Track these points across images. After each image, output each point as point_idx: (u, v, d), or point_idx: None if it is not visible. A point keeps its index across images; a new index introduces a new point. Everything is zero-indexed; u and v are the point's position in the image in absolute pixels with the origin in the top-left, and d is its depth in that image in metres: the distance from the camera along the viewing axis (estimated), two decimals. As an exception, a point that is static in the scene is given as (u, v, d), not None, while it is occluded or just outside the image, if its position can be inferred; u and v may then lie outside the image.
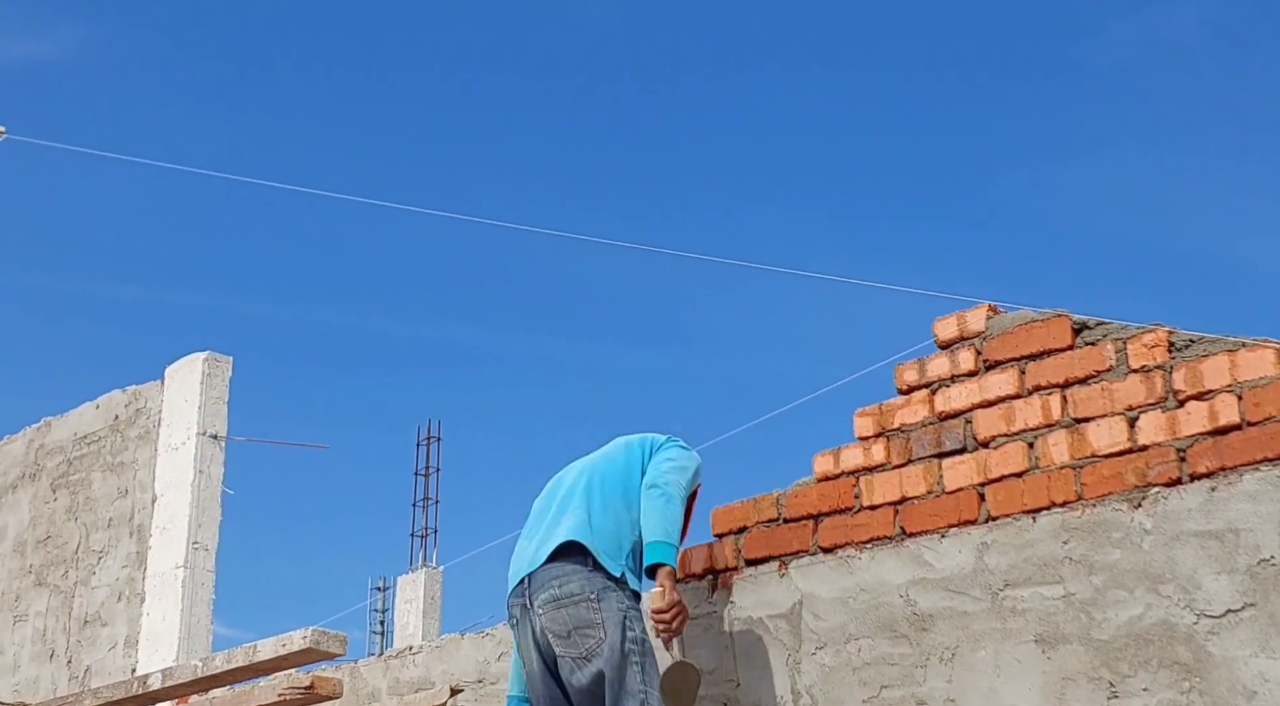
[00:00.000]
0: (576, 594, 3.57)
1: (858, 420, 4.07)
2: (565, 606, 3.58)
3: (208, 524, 6.17)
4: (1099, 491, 3.53)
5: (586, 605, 3.55)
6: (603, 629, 3.53)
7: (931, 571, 3.76)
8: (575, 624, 3.55)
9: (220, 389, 6.39)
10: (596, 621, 3.53)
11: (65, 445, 6.87)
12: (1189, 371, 3.46)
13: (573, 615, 3.56)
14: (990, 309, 3.92)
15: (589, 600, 3.55)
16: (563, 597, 3.58)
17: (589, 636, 3.53)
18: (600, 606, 3.54)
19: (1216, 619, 3.27)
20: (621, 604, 3.58)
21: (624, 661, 3.51)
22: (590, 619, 3.54)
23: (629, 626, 3.56)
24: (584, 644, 3.53)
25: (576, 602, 3.56)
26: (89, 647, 6.30)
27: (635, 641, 3.55)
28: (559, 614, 3.58)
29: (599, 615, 3.54)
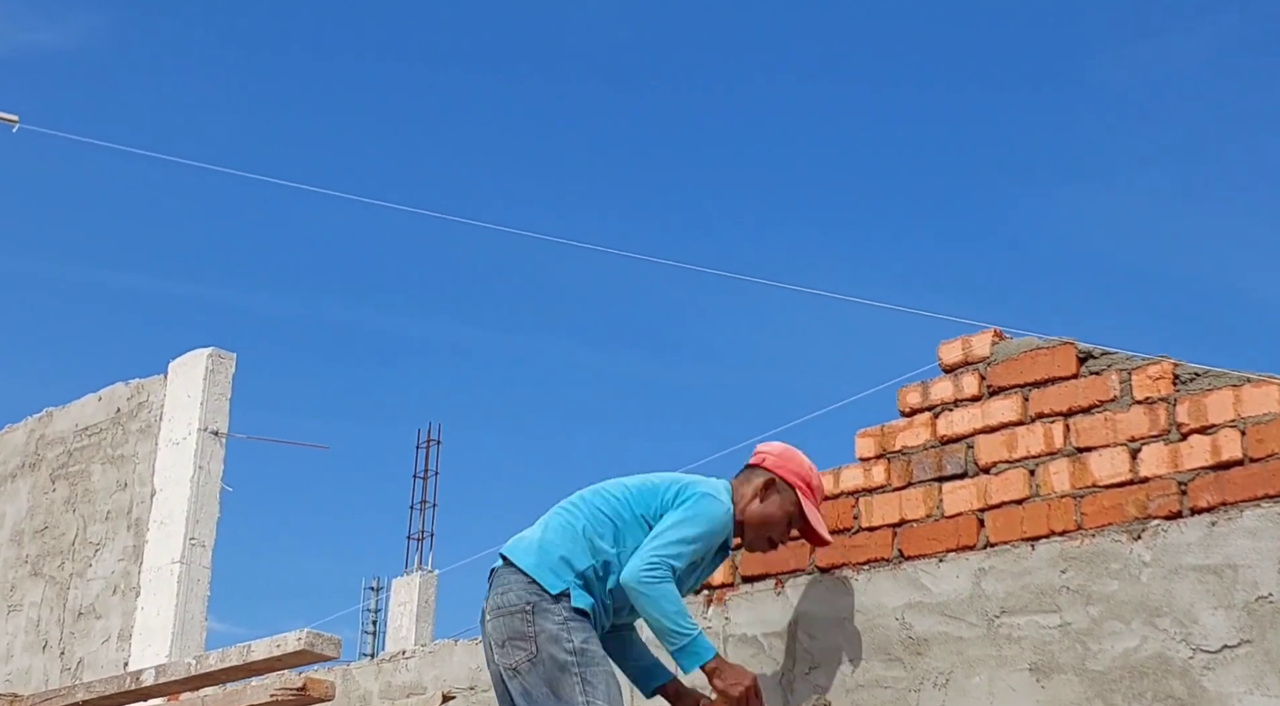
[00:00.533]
0: (514, 604, 3.50)
1: (859, 440, 4.07)
2: (503, 615, 3.51)
3: (206, 520, 6.16)
4: (1099, 521, 3.52)
5: (521, 616, 3.47)
6: (534, 642, 3.44)
7: (928, 595, 3.76)
8: (509, 634, 3.48)
9: (223, 385, 6.39)
10: (529, 633, 3.45)
11: (66, 436, 6.87)
12: (1193, 405, 3.46)
13: (508, 624, 3.49)
14: (996, 334, 3.92)
15: (523, 612, 3.47)
16: (502, 606, 3.52)
17: (520, 648, 3.45)
18: (534, 618, 3.46)
19: (1212, 654, 3.27)
20: (559, 616, 3.45)
21: (560, 673, 3.40)
22: (522, 631, 3.46)
23: (566, 637, 3.43)
24: (514, 655, 3.46)
25: (512, 613, 3.49)
26: (82, 640, 6.30)
27: (573, 651, 3.42)
28: (498, 622, 3.53)
29: (531, 627, 3.45)
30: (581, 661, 3.42)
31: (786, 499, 3.71)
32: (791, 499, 3.71)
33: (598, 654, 3.47)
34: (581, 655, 3.43)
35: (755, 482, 3.72)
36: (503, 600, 3.52)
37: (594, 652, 3.46)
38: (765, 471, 3.73)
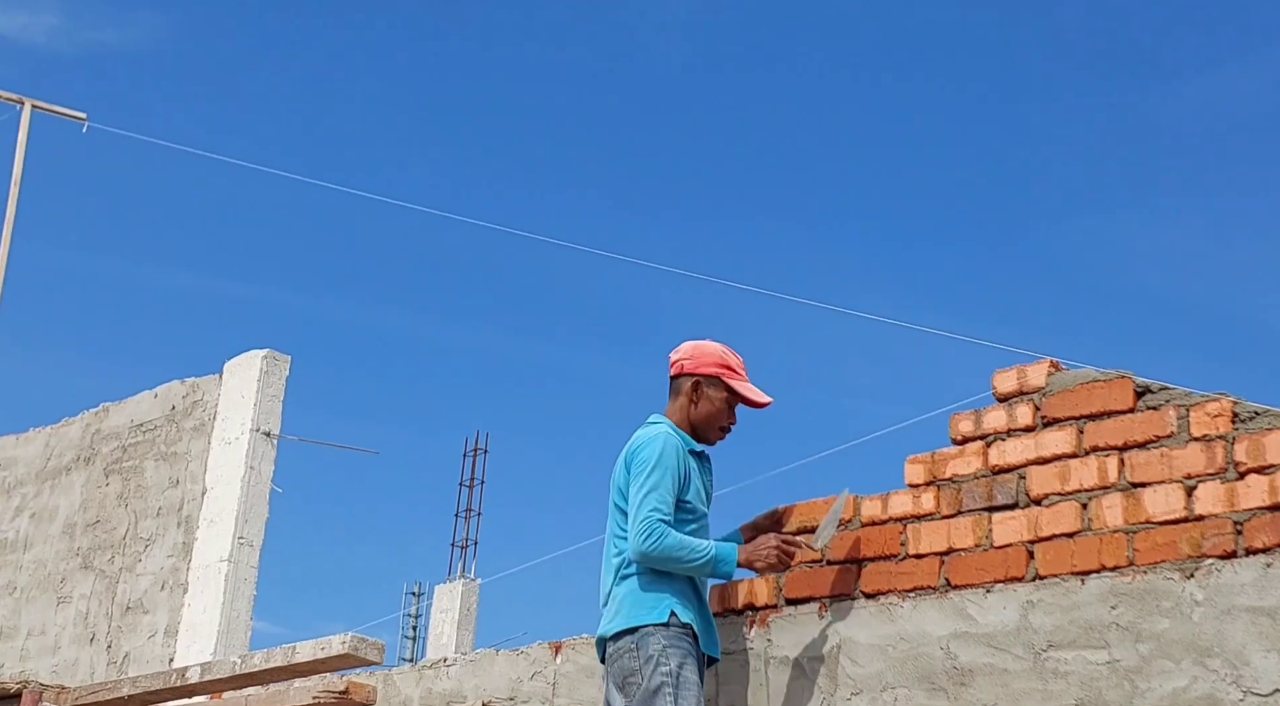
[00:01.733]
0: (622, 647, 3.77)
1: (909, 467, 4.04)
2: (616, 659, 3.78)
3: (255, 520, 6.21)
4: (1151, 558, 3.48)
5: (630, 655, 3.74)
6: (640, 672, 3.69)
7: (974, 625, 3.73)
8: (625, 674, 3.75)
9: (277, 387, 6.44)
10: (636, 667, 3.71)
11: (121, 431, 6.94)
12: (1252, 444, 3.41)
13: (621, 666, 3.76)
14: (1052, 365, 3.88)
15: (631, 650, 3.74)
16: (614, 652, 3.79)
17: (633, 683, 3.71)
18: (638, 652, 3.72)
19: (1264, 698, 3.22)
20: (658, 643, 3.72)
21: (655, 694, 3.65)
22: (633, 667, 3.72)
23: (662, 662, 3.67)
24: (629, 689, 3.72)
25: (623, 655, 3.76)
26: (129, 634, 6.35)
27: (668, 674, 3.66)
28: (614, 667, 3.80)
29: (637, 659, 3.71)
30: (676, 683, 3.67)
31: (716, 389, 4.02)
32: (720, 387, 4.01)
33: (692, 680, 3.71)
34: (677, 678, 3.68)
35: (684, 390, 4.04)
36: (614, 647, 3.79)
37: (688, 678, 3.70)
38: (687, 377, 4.04)
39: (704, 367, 4.03)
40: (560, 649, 4.71)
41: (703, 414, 4.02)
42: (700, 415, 4.02)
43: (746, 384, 4.05)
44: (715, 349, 4.07)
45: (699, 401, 4.01)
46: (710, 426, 4.03)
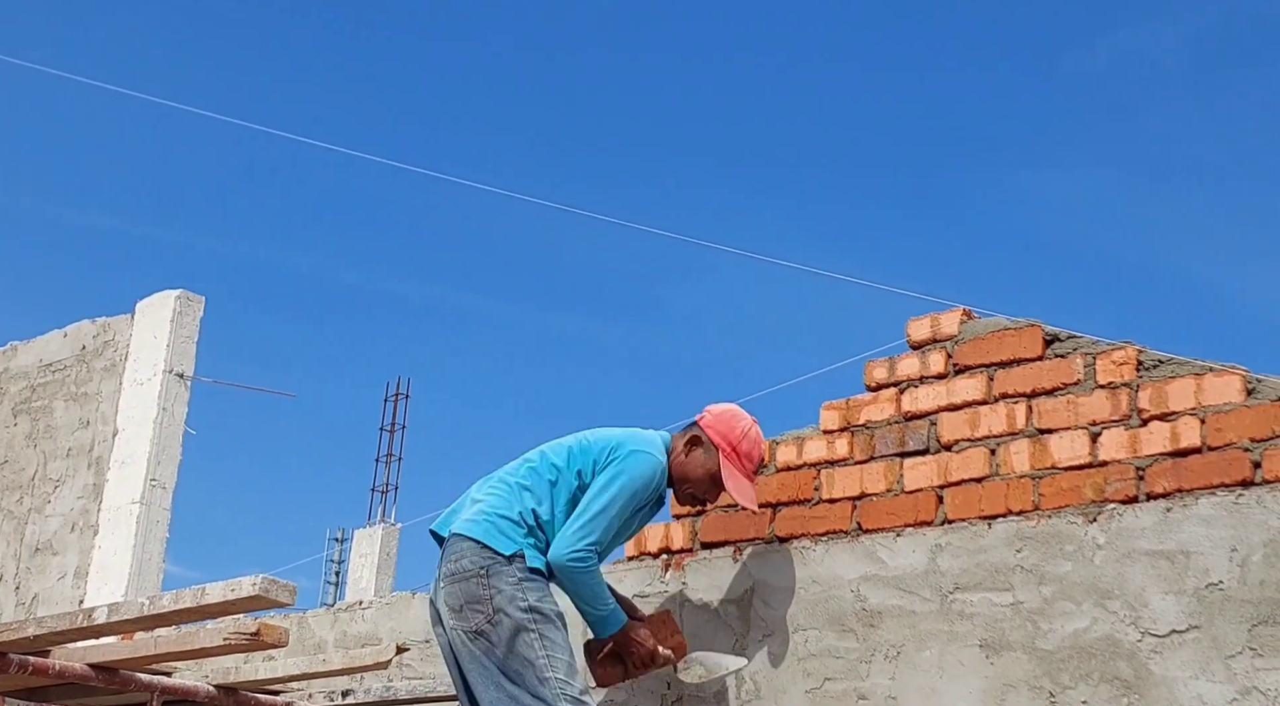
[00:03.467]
0: (467, 569, 3.54)
1: (824, 413, 4.08)
2: (458, 581, 3.55)
3: (167, 462, 6.13)
4: (1056, 503, 3.55)
5: (476, 580, 3.51)
6: (490, 603, 3.48)
7: (884, 569, 3.78)
8: (465, 598, 3.52)
9: (190, 328, 6.34)
10: (484, 596, 3.50)
11: (30, 371, 6.81)
12: (1155, 391, 3.48)
13: (464, 589, 3.53)
14: (965, 313, 3.93)
15: (478, 575, 3.52)
16: (456, 572, 3.56)
17: (478, 611, 3.50)
18: (489, 581, 3.50)
19: (1161, 638, 3.30)
20: (513, 576, 3.51)
21: (518, 632, 3.46)
22: (478, 594, 3.50)
23: (521, 596, 3.49)
24: (472, 618, 3.50)
25: (467, 577, 3.53)
26: (38, 575, 6.27)
27: (529, 609, 3.47)
28: (453, 588, 3.56)
29: (487, 589, 3.50)
30: (538, 619, 3.47)
31: (709, 457, 3.78)
32: (714, 458, 3.78)
33: (553, 612, 3.52)
34: (538, 613, 3.48)
35: (687, 439, 3.83)
36: (457, 566, 3.56)
37: (550, 611, 3.51)
38: (696, 427, 3.83)
39: (713, 433, 3.79)
40: (475, 591, 4.72)
41: (686, 471, 3.79)
42: (678, 469, 3.79)
43: (735, 476, 3.78)
44: (739, 426, 3.81)
45: (689, 457, 3.79)
46: (682, 485, 3.82)
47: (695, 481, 3.80)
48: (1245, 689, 3.16)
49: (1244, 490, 3.28)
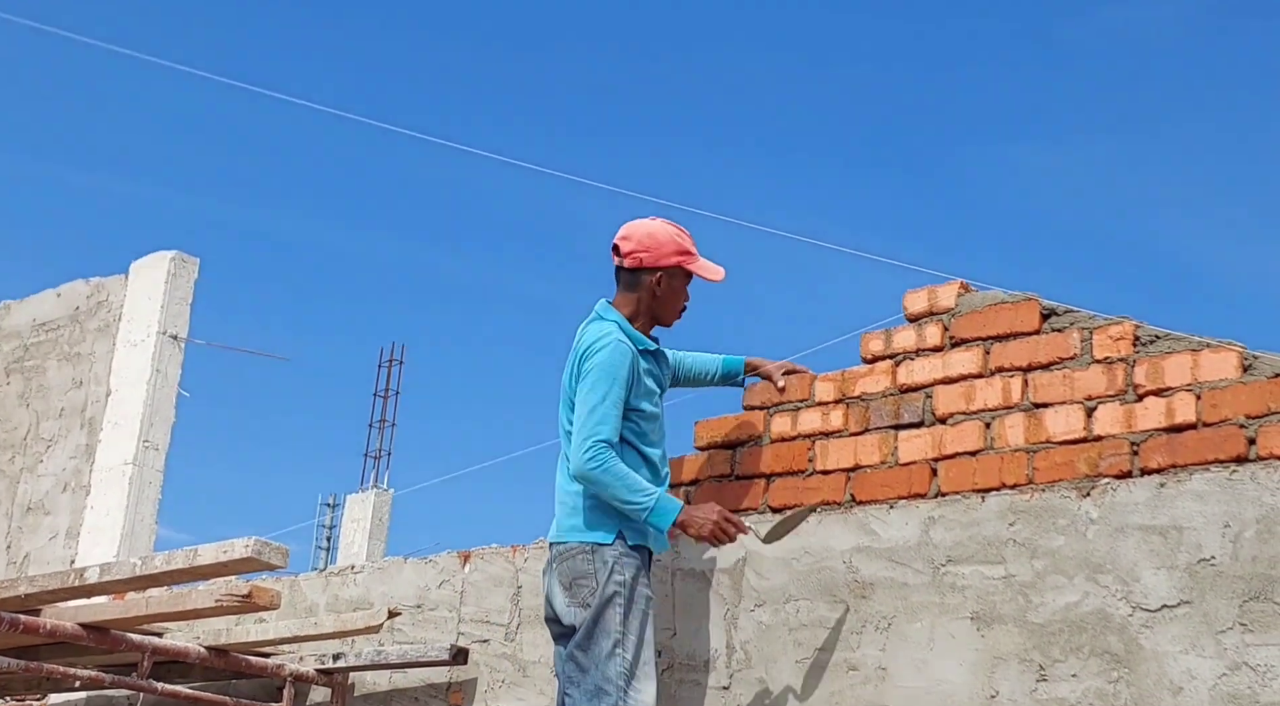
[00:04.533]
0: (574, 549, 3.70)
1: (819, 384, 4.07)
2: (567, 558, 3.70)
3: (160, 423, 6.12)
4: (1050, 477, 3.55)
5: (583, 556, 3.67)
6: (595, 578, 3.63)
7: (877, 540, 3.79)
8: (574, 575, 3.67)
9: (185, 289, 6.32)
10: (590, 570, 3.64)
11: (23, 330, 6.78)
12: (1151, 367, 3.48)
13: (572, 567, 3.68)
14: (962, 286, 3.92)
15: (584, 552, 3.67)
16: (564, 553, 3.72)
17: (584, 585, 3.65)
18: (593, 558, 3.66)
19: (1152, 613, 3.31)
20: (615, 552, 3.66)
21: (606, 603, 3.59)
22: (585, 569, 3.65)
23: (616, 572, 3.63)
24: (580, 593, 3.65)
25: (574, 555, 3.68)
26: (30, 535, 6.26)
27: (621, 584, 3.62)
28: (563, 566, 3.71)
29: (592, 564, 3.65)
30: (629, 595, 3.62)
31: (674, 278, 3.90)
32: (681, 275, 3.90)
33: (643, 594, 3.66)
34: (629, 589, 3.63)
35: (645, 284, 3.88)
36: (566, 545, 3.72)
37: (640, 592, 3.65)
38: (647, 270, 3.88)
39: (665, 259, 3.87)
40: (469, 558, 4.73)
41: (664, 303, 3.90)
42: (665, 304, 3.90)
43: (703, 263, 3.92)
44: (669, 234, 3.90)
45: (661, 292, 3.88)
46: (670, 312, 3.93)
47: (677, 300, 3.92)
48: (1235, 664, 3.17)
49: (1238, 466, 3.28)
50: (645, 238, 3.89)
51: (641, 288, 3.89)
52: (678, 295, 3.92)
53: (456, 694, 4.56)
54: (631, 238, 3.90)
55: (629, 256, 3.88)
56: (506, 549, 4.63)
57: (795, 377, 4.12)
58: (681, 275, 3.91)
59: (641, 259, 3.87)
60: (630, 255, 3.88)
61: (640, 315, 3.89)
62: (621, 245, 3.91)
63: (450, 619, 4.68)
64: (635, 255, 3.87)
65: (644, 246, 3.88)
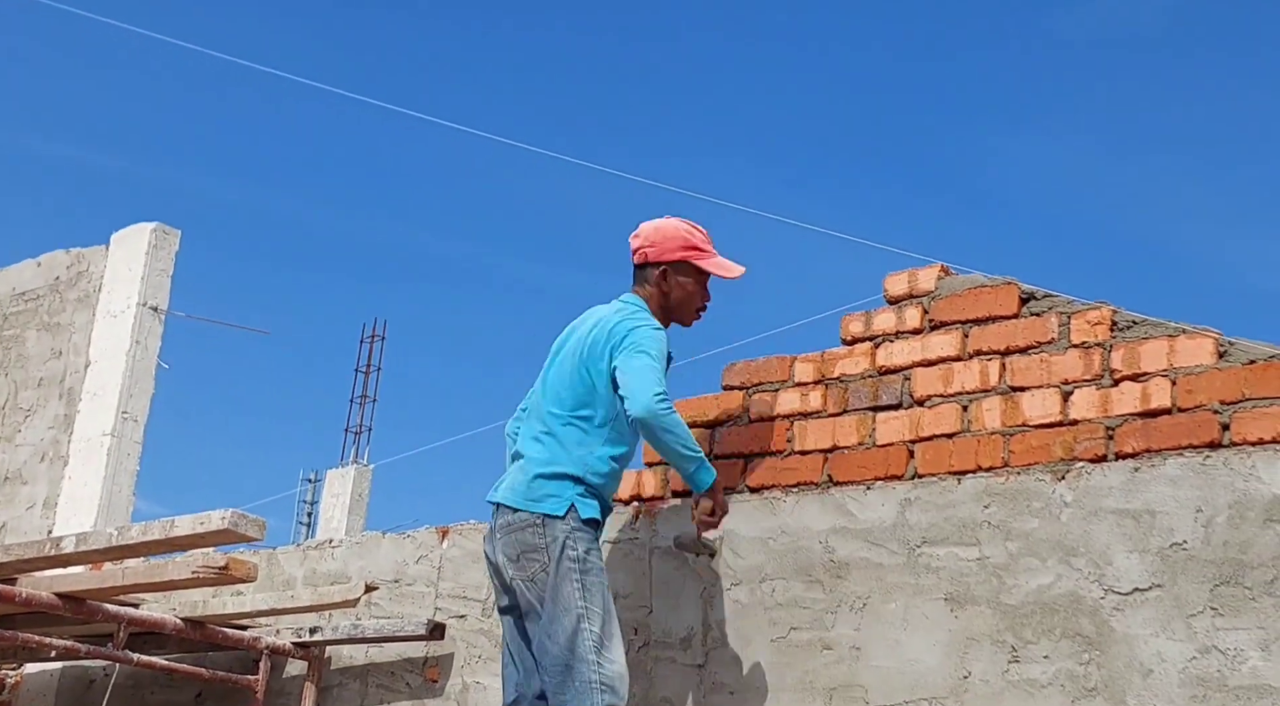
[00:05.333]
0: (525, 520, 3.65)
1: (798, 365, 4.08)
2: (514, 531, 3.66)
3: (139, 395, 6.10)
4: (1025, 460, 3.57)
5: (532, 530, 3.63)
6: (546, 552, 3.60)
7: (853, 521, 3.81)
8: (522, 548, 3.64)
9: (165, 261, 6.29)
10: (540, 544, 3.61)
11: (2, 299, 6.74)
12: (1128, 352, 3.50)
13: (520, 539, 3.65)
14: (942, 269, 3.93)
15: (534, 525, 3.63)
16: (513, 524, 3.67)
17: (534, 559, 3.61)
18: (543, 530, 3.62)
19: (1123, 596, 3.34)
20: (567, 526, 3.62)
21: (561, 580, 3.56)
22: (534, 543, 3.62)
23: (569, 546, 3.59)
24: (529, 567, 3.62)
25: (524, 528, 3.64)
26: (7, 505, 6.25)
27: (576, 559, 3.58)
28: (509, 538, 3.67)
29: (543, 538, 3.61)
30: (583, 569, 3.59)
31: (685, 274, 3.87)
32: (687, 270, 3.86)
33: (597, 565, 3.63)
34: (583, 563, 3.59)
35: (652, 279, 3.87)
36: (514, 519, 3.67)
37: (594, 564, 3.62)
38: (652, 265, 3.87)
39: (669, 254, 3.85)
40: (447, 534, 4.73)
41: (675, 301, 3.88)
42: (674, 303, 3.88)
43: (715, 260, 3.88)
44: (678, 230, 3.88)
45: (670, 290, 3.86)
46: (685, 311, 3.91)
47: (691, 298, 3.89)
48: (1205, 647, 3.20)
49: (1211, 452, 3.30)
50: (653, 232, 3.89)
51: (649, 283, 3.88)
52: (690, 293, 3.88)
53: (433, 669, 4.57)
54: (641, 233, 3.93)
55: (636, 252, 3.91)
56: (484, 525, 4.63)
57: (775, 359, 4.13)
58: (691, 271, 3.86)
59: (647, 254, 3.88)
60: (638, 251, 3.91)
61: (655, 313, 3.84)
62: (632, 242, 3.94)
63: (428, 594, 4.68)
64: (642, 250, 3.90)
65: (650, 241, 3.89)
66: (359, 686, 4.75)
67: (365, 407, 27.89)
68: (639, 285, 3.90)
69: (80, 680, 5.56)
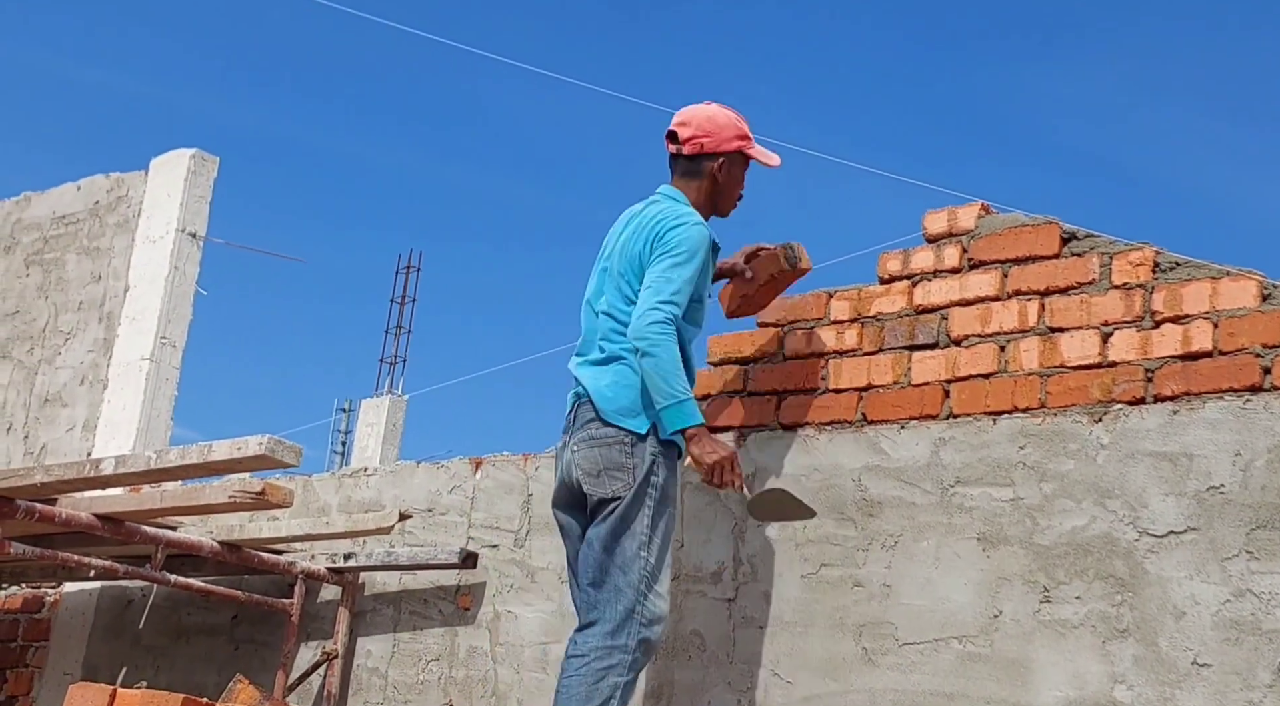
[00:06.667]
0: (610, 436, 3.51)
1: (834, 303, 4.06)
2: (598, 446, 3.51)
3: (178, 321, 6.12)
4: (1062, 401, 3.55)
5: (619, 447, 3.49)
6: (632, 474, 3.47)
7: (886, 460, 3.80)
8: (605, 464, 3.50)
9: (204, 188, 6.29)
10: (627, 465, 3.48)
11: (43, 222, 6.78)
12: (1169, 294, 3.46)
13: (604, 455, 3.50)
14: (983, 208, 3.89)
15: (621, 443, 3.50)
16: (597, 437, 3.52)
17: (617, 478, 3.48)
18: (632, 450, 3.49)
19: (1158, 539, 3.32)
20: (653, 449, 3.49)
21: (636, 502, 3.45)
22: (620, 461, 3.48)
23: (654, 471, 3.48)
24: (611, 485, 3.48)
25: (609, 443, 3.50)
26: (47, 426, 6.31)
27: (655, 485, 3.46)
28: (591, 452, 3.52)
29: (630, 459, 3.48)
30: (659, 497, 3.48)
31: (738, 165, 3.76)
32: (738, 159, 3.75)
33: (673, 495, 3.54)
34: (661, 492, 3.49)
35: (707, 171, 3.71)
36: (597, 432, 3.52)
37: (671, 494, 3.52)
38: (708, 157, 3.71)
39: (727, 144, 3.70)
40: (480, 465, 4.76)
41: (724, 191, 3.75)
42: (726, 191, 3.75)
43: (760, 149, 3.77)
44: (729, 118, 3.73)
45: (724, 179, 3.72)
46: (730, 201, 3.78)
47: (736, 188, 3.78)
48: (1239, 591, 3.18)
49: (1252, 395, 3.27)
50: (705, 121, 3.71)
51: (703, 175, 3.71)
52: (737, 182, 3.77)
53: (465, 597, 4.61)
54: (690, 122, 3.72)
55: (689, 142, 3.70)
56: (518, 457, 4.65)
57: (811, 297, 4.09)
58: (741, 161, 3.75)
59: (703, 144, 3.69)
60: (691, 141, 3.70)
61: (702, 205, 3.71)
62: (680, 131, 3.72)
63: (460, 523, 4.72)
64: (696, 140, 3.70)
65: (705, 131, 3.70)
66: (392, 612, 4.80)
67: (400, 338, 28.01)
68: (683, 177, 3.73)
69: (118, 600, 5.64)
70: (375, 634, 4.82)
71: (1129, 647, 3.30)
